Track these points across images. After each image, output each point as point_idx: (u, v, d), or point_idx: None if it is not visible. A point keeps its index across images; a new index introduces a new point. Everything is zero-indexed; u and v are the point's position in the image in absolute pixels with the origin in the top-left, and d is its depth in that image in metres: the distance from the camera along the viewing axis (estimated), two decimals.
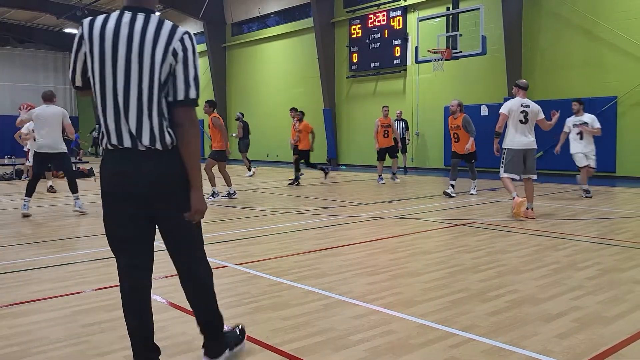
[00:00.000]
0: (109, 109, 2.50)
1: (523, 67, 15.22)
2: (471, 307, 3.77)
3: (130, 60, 2.45)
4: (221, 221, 7.89)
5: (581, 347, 3.06)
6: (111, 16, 2.51)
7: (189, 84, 2.50)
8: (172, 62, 2.47)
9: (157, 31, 2.47)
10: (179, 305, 3.86)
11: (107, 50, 2.46)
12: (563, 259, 5.21)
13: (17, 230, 7.18)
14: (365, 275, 4.69)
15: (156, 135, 2.49)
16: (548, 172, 15.00)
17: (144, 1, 2.54)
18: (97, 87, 2.51)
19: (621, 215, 7.92)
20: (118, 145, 2.51)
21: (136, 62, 2.45)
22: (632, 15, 13.28)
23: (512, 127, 7.69)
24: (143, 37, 2.45)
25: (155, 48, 2.45)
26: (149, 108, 2.48)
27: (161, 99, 2.49)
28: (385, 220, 7.68)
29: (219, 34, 25.22)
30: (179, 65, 2.48)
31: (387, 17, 18.40)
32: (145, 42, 2.45)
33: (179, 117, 2.52)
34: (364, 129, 19.67)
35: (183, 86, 2.49)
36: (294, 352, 3.03)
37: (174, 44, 2.47)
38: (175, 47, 2.47)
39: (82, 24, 2.53)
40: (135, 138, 2.49)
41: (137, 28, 2.46)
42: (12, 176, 15.86)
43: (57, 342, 3.22)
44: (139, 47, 2.44)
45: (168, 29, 2.48)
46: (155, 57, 2.45)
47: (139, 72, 2.45)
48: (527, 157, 7.69)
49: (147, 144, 2.49)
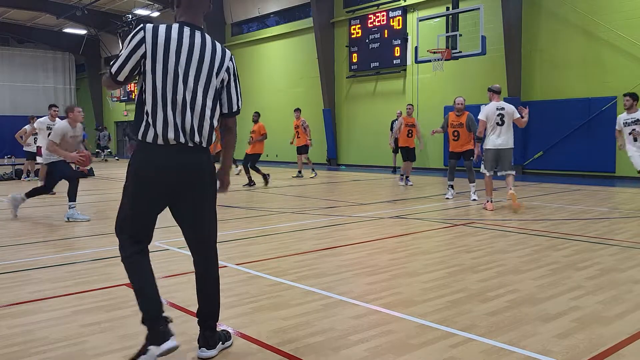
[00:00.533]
0: (164, 106, 2.77)
1: (522, 67, 15.23)
2: (471, 307, 3.78)
3: (190, 66, 2.81)
4: (221, 221, 7.88)
5: (581, 347, 3.06)
6: (173, 27, 2.85)
7: (239, 98, 3.06)
8: (225, 77, 2.95)
9: (213, 48, 2.91)
10: (179, 305, 3.86)
11: (171, 54, 2.78)
12: (562, 259, 5.21)
13: (16, 231, 7.18)
14: (365, 275, 4.69)
15: (205, 134, 2.87)
16: (548, 172, 15.02)
17: (196, 20, 2.93)
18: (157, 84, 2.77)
19: (620, 215, 7.93)
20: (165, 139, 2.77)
21: (194, 69, 2.82)
22: (631, 15, 13.29)
23: (489, 129, 8.56)
24: (203, 50, 2.85)
25: (213, 61, 2.88)
26: (202, 110, 2.85)
27: (215, 104, 2.93)
28: (385, 220, 7.68)
29: (218, 34, 25.21)
30: (231, 82, 2.99)
31: (387, 17, 18.40)
32: (205, 54, 2.85)
33: (231, 123, 3.09)
34: (364, 129, 19.69)
35: (236, 99, 3.03)
36: (293, 352, 3.03)
37: (227, 62, 2.95)
38: (229, 66, 2.96)
39: (144, 28, 2.80)
40: (187, 134, 2.80)
41: (197, 41, 2.86)
42: (12, 176, 15.86)
43: (57, 342, 3.22)
44: (199, 57, 2.83)
45: (221, 48, 2.97)
46: (214, 69, 2.88)
47: (195, 77, 2.82)
48: (500, 156, 8.53)
49: (197, 140, 2.84)
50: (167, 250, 5.82)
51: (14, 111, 30.72)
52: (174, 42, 2.79)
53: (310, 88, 21.30)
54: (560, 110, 14.60)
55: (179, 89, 2.77)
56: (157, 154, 2.79)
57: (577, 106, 14.29)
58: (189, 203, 2.91)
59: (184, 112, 2.79)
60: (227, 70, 2.94)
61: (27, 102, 31.49)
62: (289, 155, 22.41)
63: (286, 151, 22.59)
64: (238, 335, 3.31)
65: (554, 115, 14.70)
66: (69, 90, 34.01)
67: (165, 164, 2.79)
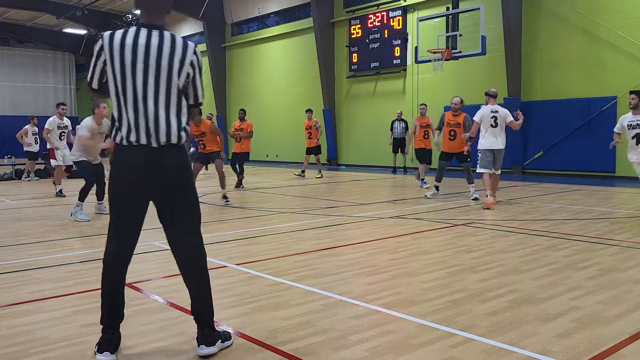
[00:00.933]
0: (129, 108, 2.85)
1: (522, 67, 15.23)
2: (471, 307, 3.78)
3: (148, 66, 2.83)
4: (221, 221, 7.90)
5: (581, 347, 3.06)
6: (129, 31, 2.90)
7: (202, 89, 3.12)
8: (190, 71, 2.95)
9: (172, 45, 2.90)
10: (179, 305, 3.86)
11: (127, 57, 2.83)
12: (562, 259, 5.21)
13: (16, 231, 7.18)
14: (364, 275, 4.69)
15: (172, 132, 2.88)
16: (548, 172, 15.02)
17: (157, 20, 2.95)
18: (118, 89, 2.86)
19: (620, 215, 7.92)
20: (134, 142, 2.85)
21: (153, 69, 2.84)
22: (631, 15, 13.29)
23: (484, 130, 8.99)
24: (161, 49, 2.86)
25: (173, 59, 2.87)
26: (165, 109, 2.88)
27: (179, 101, 2.93)
28: (385, 220, 7.68)
29: (218, 34, 25.22)
30: (196, 76, 3.00)
31: (387, 17, 18.40)
32: (163, 53, 2.86)
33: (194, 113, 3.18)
34: (364, 129, 19.68)
35: (200, 92, 3.09)
36: (293, 352, 3.03)
37: (189, 57, 2.94)
38: (192, 60, 2.95)
39: (102, 37, 2.91)
40: (152, 135, 2.84)
41: (153, 41, 2.87)
42: (12, 176, 15.86)
43: (57, 342, 3.22)
44: (157, 57, 2.84)
45: (182, 43, 2.94)
46: (174, 66, 2.87)
47: (155, 77, 2.84)
48: (496, 156, 8.99)
49: (162, 140, 2.86)
50: (167, 250, 5.81)
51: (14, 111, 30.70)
52: (129, 47, 2.84)
53: (310, 88, 21.30)
54: (560, 110, 14.60)
55: (138, 91, 2.84)
56: (128, 155, 2.88)
57: (577, 106, 14.28)
58: (165, 202, 2.96)
59: (145, 113, 2.84)
60: (192, 65, 2.95)
61: (27, 102, 31.47)
62: (288, 155, 22.42)
63: (286, 151, 22.61)
64: (238, 335, 3.31)
65: (554, 115, 14.70)
66: (69, 90, 33.97)
67: (135, 164, 2.87)
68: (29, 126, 15.48)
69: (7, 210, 9.32)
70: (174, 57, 2.87)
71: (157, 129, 2.85)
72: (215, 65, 25.17)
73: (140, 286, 4.39)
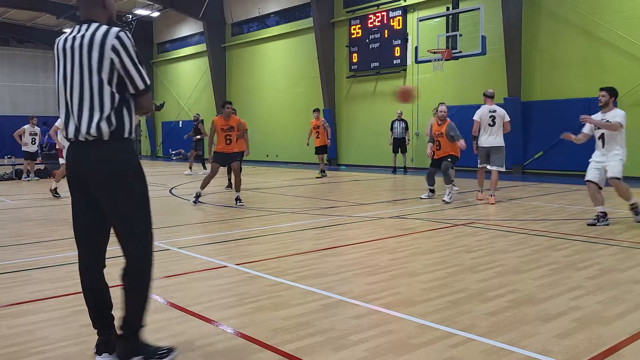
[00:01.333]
0: (62, 107, 2.89)
1: (522, 67, 15.23)
2: (471, 307, 3.78)
3: (74, 62, 2.81)
4: (221, 221, 7.90)
5: (581, 347, 3.06)
6: (72, 30, 2.91)
7: (141, 74, 2.85)
8: (114, 57, 2.77)
9: (92, 35, 2.80)
10: (179, 305, 3.87)
11: (61, 59, 2.87)
12: (562, 259, 5.21)
13: (16, 231, 7.18)
14: (365, 275, 4.69)
15: (92, 126, 2.78)
16: (548, 172, 15.01)
17: (90, 15, 2.90)
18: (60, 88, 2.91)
19: (620, 215, 7.92)
20: (66, 137, 2.89)
21: (78, 64, 2.80)
22: (631, 15, 13.29)
23: (482, 129, 9.51)
24: (86, 42, 2.79)
25: (91, 50, 2.77)
26: (90, 104, 2.79)
27: (107, 92, 2.79)
28: (385, 220, 7.68)
29: (219, 34, 25.22)
30: (125, 61, 2.78)
31: (387, 17, 18.40)
32: (85, 45, 2.79)
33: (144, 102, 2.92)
34: (364, 129, 19.68)
35: (138, 77, 2.84)
36: (293, 352, 3.03)
37: (109, 42, 2.77)
38: (113, 44, 2.77)
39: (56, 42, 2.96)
40: (83, 130, 2.80)
41: (86, 35, 2.82)
42: (12, 176, 15.86)
43: (57, 342, 3.22)
44: (84, 50, 2.79)
45: (104, 31, 2.80)
46: (94, 57, 2.77)
47: (80, 72, 2.79)
48: (491, 153, 9.46)
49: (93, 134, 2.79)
50: (167, 250, 5.82)
51: (14, 111, 30.73)
52: (66, 45, 2.85)
53: (310, 88, 21.30)
54: (560, 110, 14.59)
55: (67, 88, 2.84)
56: (69, 151, 2.91)
57: (577, 106, 14.26)
58: (99, 199, 2.86)
59: (72, 107, 2.82)
60: (114, 50, 2.76)
61: (27, 102, 31.51)
62: (289, 155, 22.43)
63: (286, 151, 22.61)
64: (238, 335, 3.31)
65: (554, 115, 14.69)
66: None
67: (69, 159, 2.90)
68: (27, 126, 15.48)
69: (7, 210, 9.32)
70: (92, 49, 2.76)
71: (80, 123, 2.79)
72: (215, 65, 25.17)
73: None
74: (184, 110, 27.97)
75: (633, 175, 13.32)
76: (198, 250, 5.78)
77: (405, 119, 16.81)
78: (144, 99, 2.91)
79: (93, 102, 2.78)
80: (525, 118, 15.25)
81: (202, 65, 26.56)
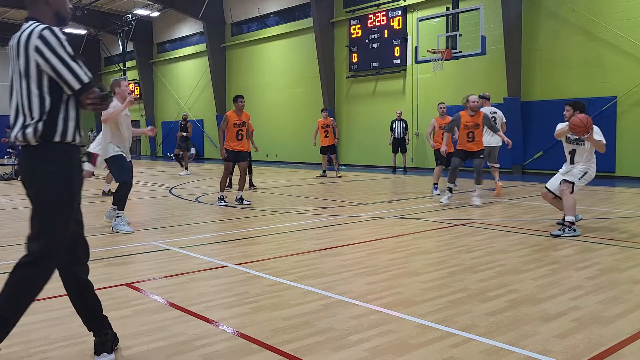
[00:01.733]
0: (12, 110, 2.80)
1: (522, 67, 15.23)
2: (470, 307, 3.78)
3: (13, 69, 2.73)
4: (221, 221, 7.90)
5: (580, 347, 3.07)
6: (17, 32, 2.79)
7: (73, 72, 2.64)
8: (38, 58, 2.62)
9: (19, 37, 2.67)
10: (179, 306, 3.87)
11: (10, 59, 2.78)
12: (562, 259, 5.21)
13: (16, 231, 7.18)
14: (364, 275, 4.69)
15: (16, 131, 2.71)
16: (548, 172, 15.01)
17: (32, 12, 2.77)
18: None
19: (620, 215, 7.93)
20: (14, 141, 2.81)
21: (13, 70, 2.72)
22: (631, 15, 13.29)
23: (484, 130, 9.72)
24: (14, 46, 2.70)
25: (19, 50, 2.66)
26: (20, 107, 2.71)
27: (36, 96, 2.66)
28: (384, 220, 7.68)
29: (218, 34, 25.22)
30: (51, 60, 2.61)
31: (387, 17, 18.40)
32: (13, 50, 2.70)
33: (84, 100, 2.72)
34: (364, 129, 19.68)
35: (70, 76, 2.64)
36: (293, 352, 3.03)
37: (32, 42, 2.62)
38: (36, 45, 2.61)
39: None
40: (16, 134, 2.72)
41: (14, 40, 2.71)
42: (12, 176, 15.86)
43: (57, 342, 3.22)
44: (14, 56, 2.70)
45: (29, 30, 2.65)
46: (21, 58, 2.66)
47: (17, 74, 2.70)
48: (491, 152, 10.41)
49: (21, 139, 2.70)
50: (167, 250, 5.82)
51: None
52: (9, 49, 2.79)
53: (310, 88, 21.31)
54: (560, 110, 14.35)
55: (10, 92, 2.78)
56: None
57: None
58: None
59: (15, 114, 2.74)
60: (37, 50, 2.60)
61: None
62: (289, 155, 22.43)
63: (286, 151, 22.61)
64: (238, 335, 3.31)
65: (554, 115, 14.62)
66: None
67: None
68: None
69: (7, 210, 9.32)
70: (19, 53, 2.65)
71: (14, 128, 2.73)
72: (215, 65, 25.17)
73: (140, 286, 4.38)
74: (184, 110, 27.97)
75: (633, 175, 13.36)
76: (198, 250, 5.78)
77: (405, 119, 16.81)
78: (85, 98, 2.69)
79: (23, 107, 2.68)
80: (525, 118, 15.25)
81: (202, 65, 26.55)
